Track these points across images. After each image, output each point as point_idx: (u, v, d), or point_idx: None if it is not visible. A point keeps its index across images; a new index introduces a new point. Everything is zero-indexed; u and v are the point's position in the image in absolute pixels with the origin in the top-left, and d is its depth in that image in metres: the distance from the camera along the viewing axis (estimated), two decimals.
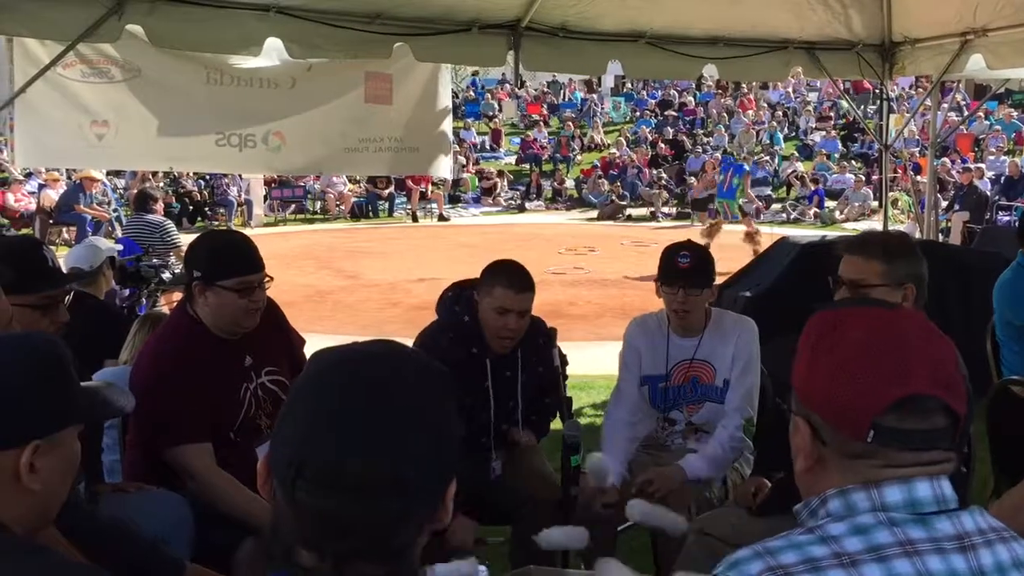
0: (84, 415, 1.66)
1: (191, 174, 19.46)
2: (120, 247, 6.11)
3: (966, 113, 19.92)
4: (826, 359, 1.35)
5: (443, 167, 7.66)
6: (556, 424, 3.76)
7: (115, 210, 16.58)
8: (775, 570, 1.24)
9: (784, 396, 1.52)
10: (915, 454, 1.29)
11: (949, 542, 1.26)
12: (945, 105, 10.24)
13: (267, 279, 2.94)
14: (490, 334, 3.26)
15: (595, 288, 12.25)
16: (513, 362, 3.38)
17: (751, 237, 13.20)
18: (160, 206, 8.84)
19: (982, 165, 19.12)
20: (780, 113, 28.59)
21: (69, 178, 16.98)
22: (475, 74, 32.90)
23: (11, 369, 1.53)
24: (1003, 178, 17.55)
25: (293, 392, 1.15)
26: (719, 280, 4.02)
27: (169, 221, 8.56)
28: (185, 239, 8.37)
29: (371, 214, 21.58)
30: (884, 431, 1.27)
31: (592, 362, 6.75)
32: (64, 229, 15.99)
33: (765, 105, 29.21)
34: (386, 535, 1.07)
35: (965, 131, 22.08)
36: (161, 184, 18.81)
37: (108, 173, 17.22)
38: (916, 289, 2.74)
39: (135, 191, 11.76)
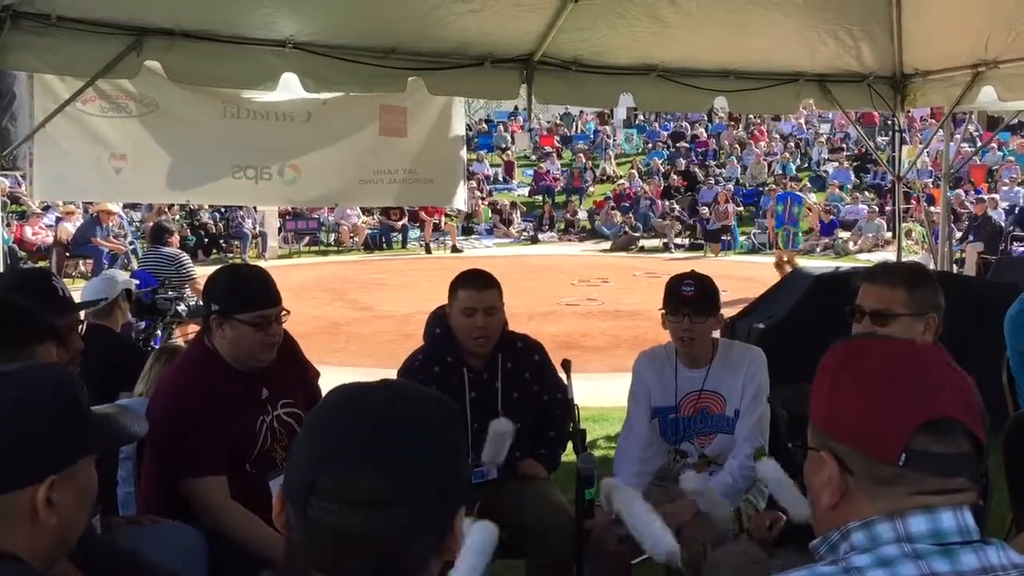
0: (98, 444, 1.64)
1: (206, 207, 19.62)
2: (136, 280, 6.15)
3: (979, 144, 19.88)
4: (850, 387, 1.36)
5: (458, 198, 7.71)
6: (568, 456, 3.75)
7: (131, 243, 16.73)
8: None
9: (797, 435, 1.51)
10: (943, 480, 1.29)
11: None
12: (958, 136, 10.26)
13: (284, 313, 2.96)
14: (463, 338, 3.38)
15: (608, 319, 12.23)
16: (493, 370, 3.44)
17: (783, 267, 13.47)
18: (176, 239, 8.88)
19: (996, 196, 19.10)
20: (792, 144, 28.65)
21: (86, 211, 17.15)
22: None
23: (21, 405, 1.50)
24: (1017, 208, 17.52)
25: (306, 422, 1.20)
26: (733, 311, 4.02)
27: (184, 254, 8.61)
28: (200, 271, 8.43)
29: (384, 246, 21.71)
30: (915, 454, 1.28)
31: (606, 394, 6.72)
32: (81, 262, 16.13)
33: (777, 136, 29.28)
34: (395, 554, 1.10)
35: (978, 162, 22.08)
36: (176, 217, 18.97)
37: (124, 206, 17.39)
38: (937, 319, 2.72)
39: (151, 224, 11.87)
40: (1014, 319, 3.95)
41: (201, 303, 7.14)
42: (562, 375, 3.35)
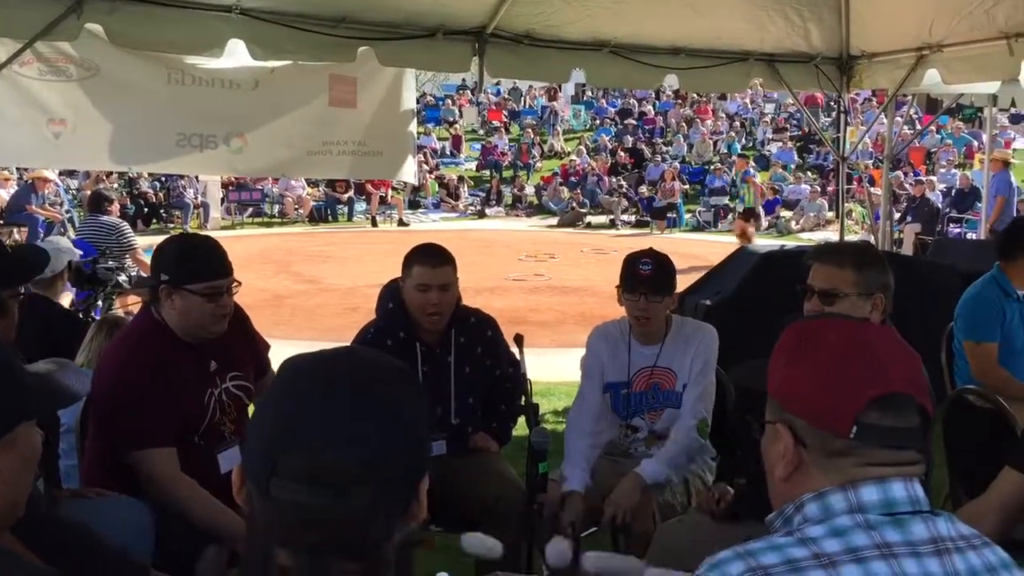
0: (36, 408, 1.59)
1: (146, 175, 19.20)
2: (80, 252, 6.00)
3: (918, 127, 20.28)
4: (805, 363, 1.40)
5: (407, 171, 7.64)
6: (520, 430, 3.77)
7: (67, 211, 16.28)
8: (756, 570, 1.27)
9: (751, 408, 1.56)
10: (893, 452, 1.34)
11: (924, 546, 1.30)
12: (899, 119, 10.46)
13: (235, 284, 2.91)
14: (417, 314, 3.38)
15: (556, 295, 12.28)
16: (446, 345, 3.44)
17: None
18: (116, 207, 8.66)
19: (933, 178, 19.52)
20: (738, 124, 28.94)
21: (20, 178, 16.66)
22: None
23: None
24: (954, 191, 17.91)
25: (264, 396, 1.16)
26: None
27: (124, 223, 8.40)
28: (141, 242, 8.26)
29: (330, 218, 21.47)
30: (866, 428, 1.33)
31: (553, 369, 6.77)
32: (15, 230, 15.65)
33: (723, 115, 29.55)
34: (360, 528, 1.08)
35: (917, 144, 22.52)
36: (115, 185, 18.53)
37: (60, 173, 16.93)
38: (884, 299, 2.78)
39: (89, 192, 11.57)
40: (973, 302, 3.99)
41: (142, 273, 7.01)
42: (514, 350, 3.36)
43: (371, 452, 1.07)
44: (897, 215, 15.93)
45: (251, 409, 3.11)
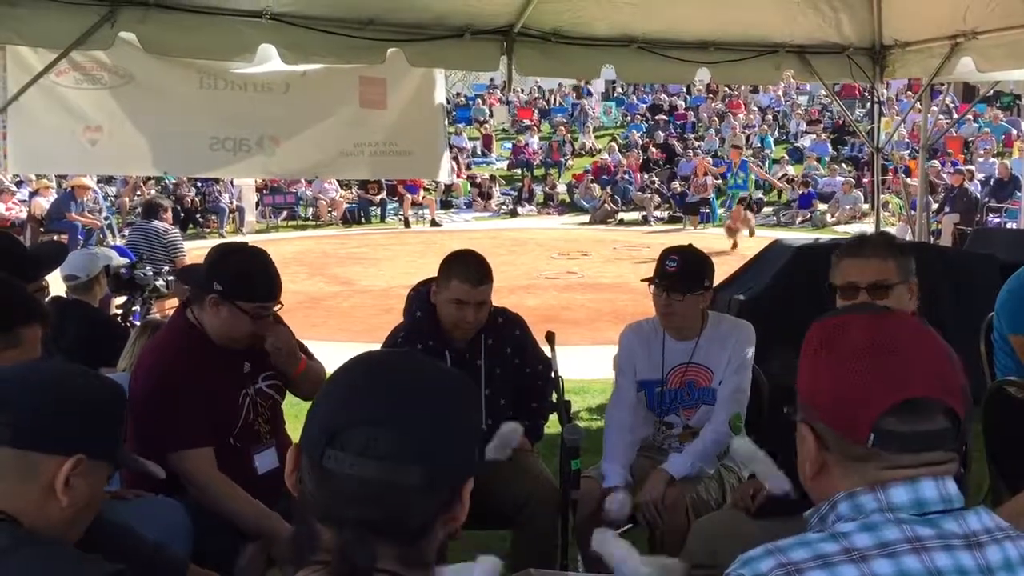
0: (119, 459, 1.79)
1: (184, 180, 19.43)
2: (124, 260, 6.09)
3: (955, 116, 19.96)
4: (827, 365, 1.38)
5: (440, 170, 7.66)
6: (552, 428, 3.77)
7: (106, 218, 16.54)
8: (786, 566, 1.26)
9: (786, 401, 1.55)
10: (915, 456, 1.32)
11: (956, 540, 1.28)
12: (935, 108, 10.32)
13: (278, 307, 2.98)
14: (449, 326, 3.33)
15: (589, 292, 12.26)
16: (476, 350, 3.41)
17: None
18: (169, 215, 8.71)
19: (972, 167, 19.21)
20: (770, 117, 28.68)
21: (60, 186, 16.93)
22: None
23: (89, 388, 1.70)
24: (992, 180, 17.64)
25: (328, 381, 1.22)
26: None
27: (176, 229, 8.43)
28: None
29: (363, 220, 21.59)
30: (883, 434, 1.31)
31: (587, 366, 6.76)
32: (55, 237, 15.93)
33: (755, 109, 29.30)
34: (403, 508, 1.11)
35: (954, 133, 22.18)
36: (152, 192, 18.77)
37: (99, 181, 17.18)
38: (916, 283, 2.80)
39: (127, 199, 11.72)
40: (1014, 294, 3.90)
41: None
42: (545, 348, 3.35)
43: (425, 436, 1.12)
44: (935, 205, 15.71)
45: (285, 408, 3.15)
